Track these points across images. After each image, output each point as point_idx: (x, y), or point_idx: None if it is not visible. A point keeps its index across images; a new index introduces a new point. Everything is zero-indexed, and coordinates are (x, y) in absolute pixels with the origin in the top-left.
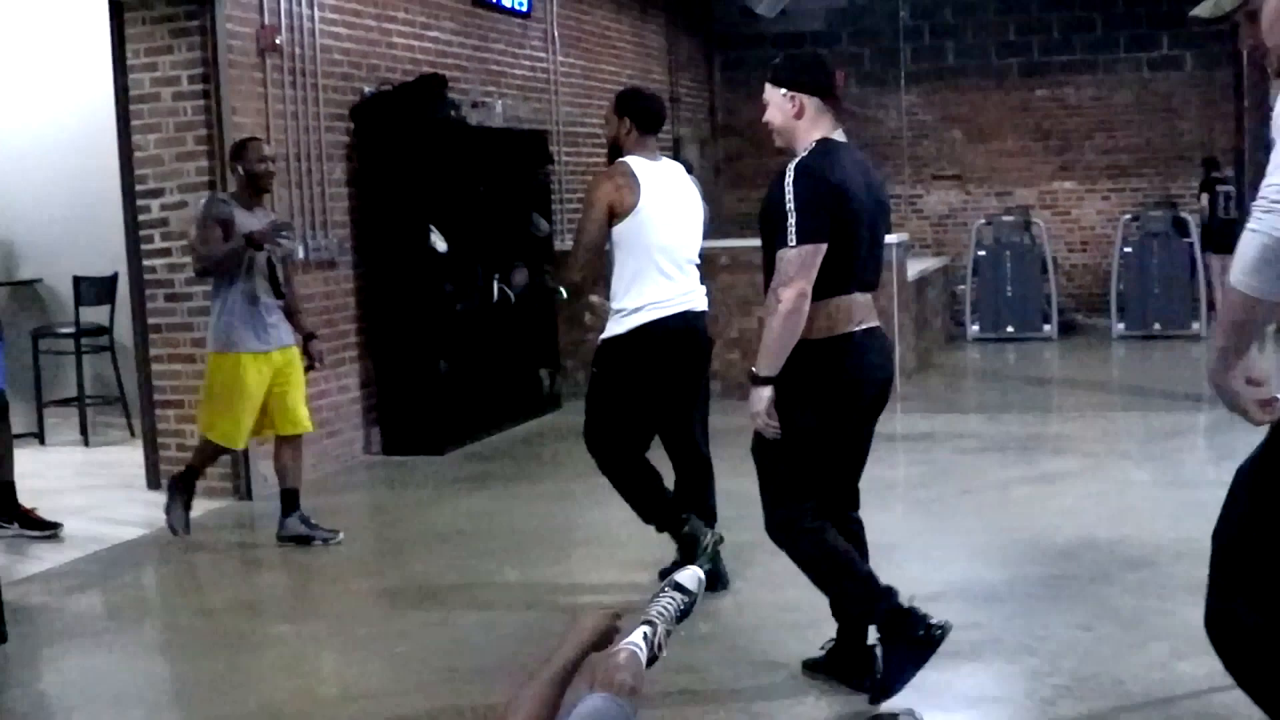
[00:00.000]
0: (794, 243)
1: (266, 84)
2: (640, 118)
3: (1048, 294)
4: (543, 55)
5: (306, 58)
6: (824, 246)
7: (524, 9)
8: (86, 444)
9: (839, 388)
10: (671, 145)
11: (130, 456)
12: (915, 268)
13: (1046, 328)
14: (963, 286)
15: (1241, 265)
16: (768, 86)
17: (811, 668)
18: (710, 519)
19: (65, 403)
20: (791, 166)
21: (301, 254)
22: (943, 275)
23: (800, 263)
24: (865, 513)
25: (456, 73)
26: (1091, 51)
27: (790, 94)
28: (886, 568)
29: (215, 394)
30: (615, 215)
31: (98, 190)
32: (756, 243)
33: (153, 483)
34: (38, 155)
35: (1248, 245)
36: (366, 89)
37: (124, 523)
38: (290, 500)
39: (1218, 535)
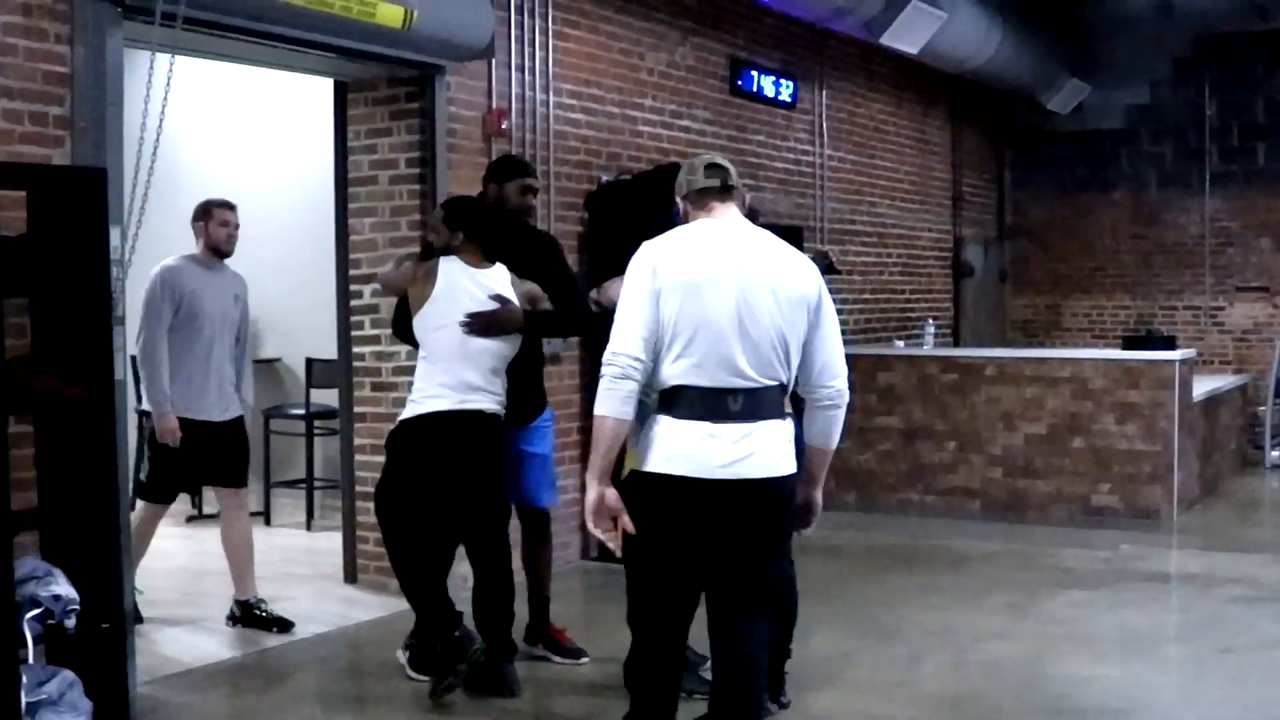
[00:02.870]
0: None
1: None
2: (470, 227)
3: None
4: (808, 148)
5: (538, 143)
6: None
7: (789, 100)
8: (309, 528)
9: None
10: (952, 245)
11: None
12: (1207, 385)
13: None
14: (1263, 408)
15: (603, 401)
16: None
17: None
18: (501, 647)
19: (294, 484)
20: None
21: None
22: (1241, 395)
23: None
24: (1102, 667)
25: None
26: None
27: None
28: None
29: None
30: (411, 303)
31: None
32: (1027, 354)
33: (349, 576)
34: (283, 234)
35: (608, 390)
36: (604, 177)
37: (304, 619)
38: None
39: None
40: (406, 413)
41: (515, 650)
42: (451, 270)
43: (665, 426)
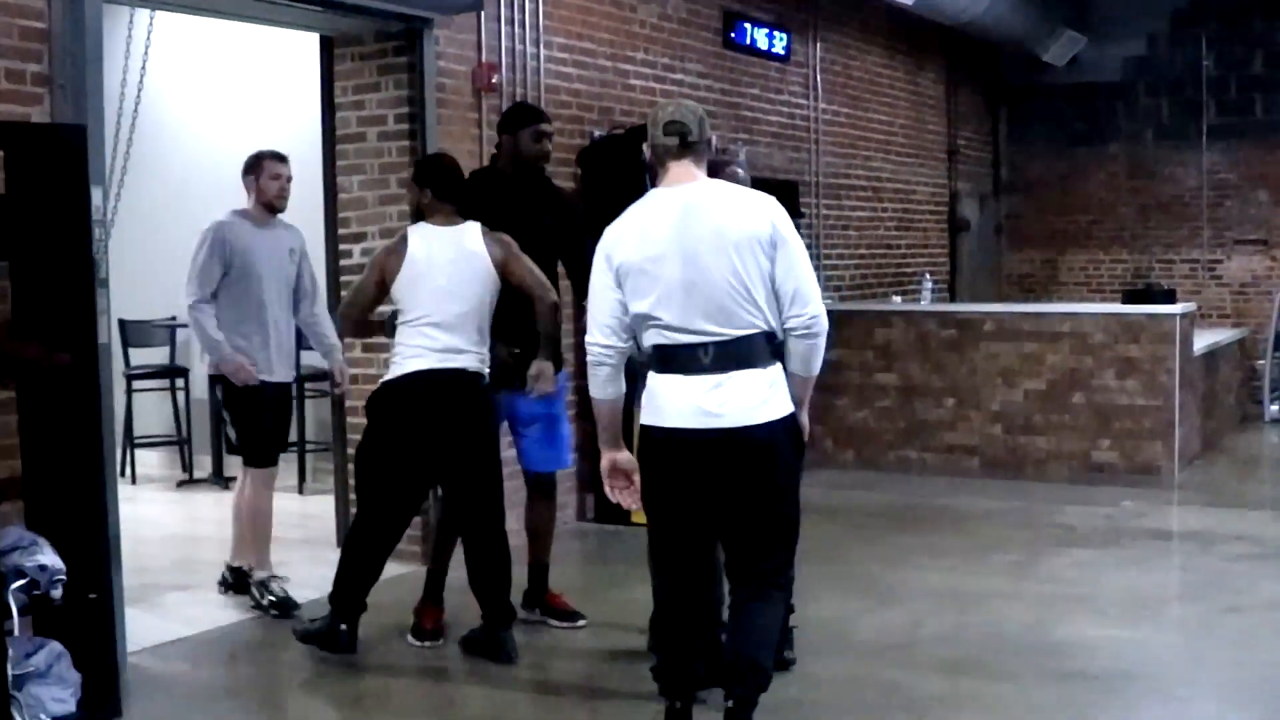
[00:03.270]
0: None
1: (482, 124)
2: (438, 185)
3: None
4: (802, 102)
5: (529, 98)
6: None
7: (782, 53)
8: (300, 492)
9: None
10: (948, 200)
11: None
12: (1207, 340)
13: None
14: (1262, 361)
15: (590, 386)
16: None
17: None
18: (498, 613)
19: (285, 448)
20: None
21: None
22: (1240, 349)
23: None
24: (1108, 629)
25: None
26: None
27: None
28: (1118, 702)
29: None
30: (387, 278)
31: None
32: (1026, 309)
33: (342, 540)
34: None
35: (590, 377)
36: (596, 133)
37: (297, 584)
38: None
39: None
40: (387, 375)
41: (514, 616)
42: (424, 234)
43: (653, 382)
